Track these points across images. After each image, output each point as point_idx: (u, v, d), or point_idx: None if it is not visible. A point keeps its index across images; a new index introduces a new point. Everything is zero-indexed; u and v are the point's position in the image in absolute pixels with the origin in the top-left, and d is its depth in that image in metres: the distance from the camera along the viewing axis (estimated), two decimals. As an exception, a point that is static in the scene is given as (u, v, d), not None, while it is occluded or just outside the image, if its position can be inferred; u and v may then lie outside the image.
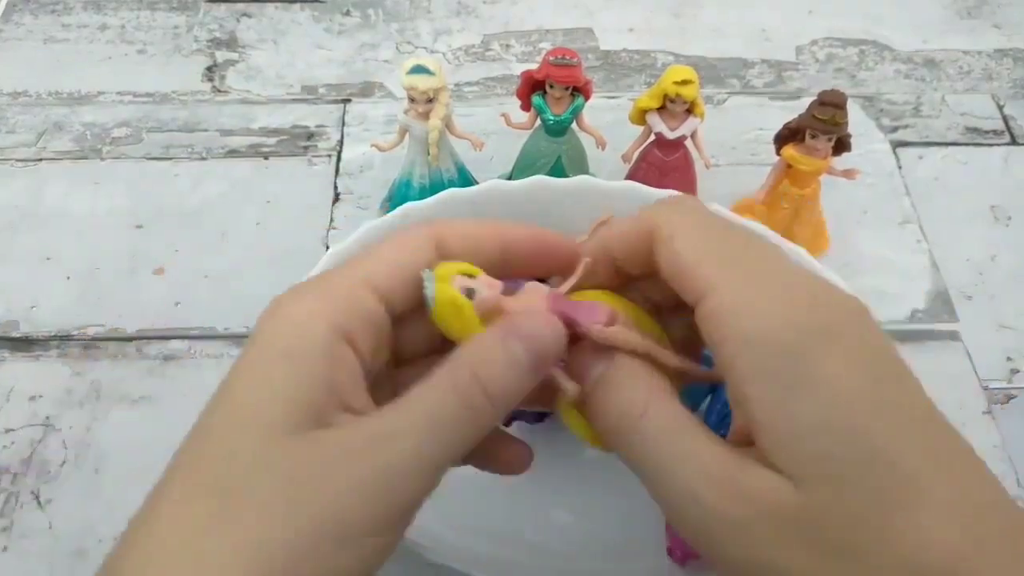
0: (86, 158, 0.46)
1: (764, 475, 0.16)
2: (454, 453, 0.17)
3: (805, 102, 0.38)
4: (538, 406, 0.20)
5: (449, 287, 0.18)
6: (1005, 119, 0.49)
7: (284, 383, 0.16)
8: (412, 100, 0.37)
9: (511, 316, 0.18)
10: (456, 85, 0.49)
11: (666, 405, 0.18)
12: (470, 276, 0.19)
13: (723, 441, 0.17)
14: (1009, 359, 0.39)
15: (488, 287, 0.18)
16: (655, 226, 0.19)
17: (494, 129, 0.41)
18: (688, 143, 0.40)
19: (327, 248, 0.42)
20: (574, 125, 0.39)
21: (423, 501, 0.17)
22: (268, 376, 0.16)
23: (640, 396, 0.18)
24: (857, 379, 0.16)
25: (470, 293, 0.18)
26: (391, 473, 0.16)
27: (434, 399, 0.16)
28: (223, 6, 0.54)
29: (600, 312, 0.19)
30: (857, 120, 0.46)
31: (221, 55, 0.51)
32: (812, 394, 0.16)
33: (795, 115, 0.38)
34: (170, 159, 0.46)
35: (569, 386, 0.18)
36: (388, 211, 0.37)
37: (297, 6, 0.54)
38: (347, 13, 0.54)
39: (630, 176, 0.41)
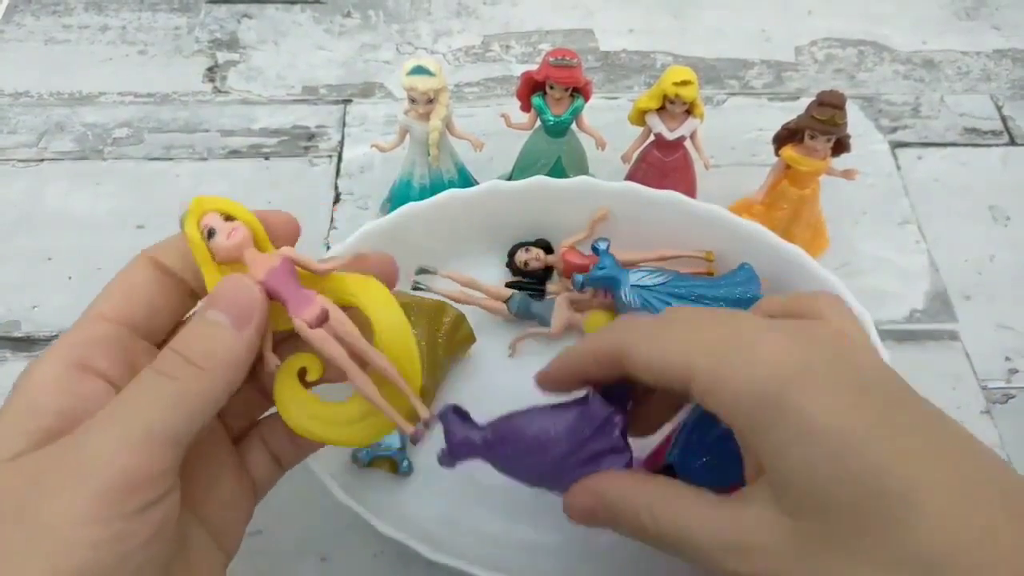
0: (87, 158, 0.46)
1: (759, 518, 0.18)
2: (177, 422, 0.17)
3: (804, 103, 0.38)
4: None
5: (193, 223, 0.19)
6: (1004, 119, 0.49)
7: (8, 419, 0.17)
8: (412, 101, 0.38)
9: (229, 277, 0.19)
10: (456, 86, 0.49)
11: (666, 507, 0.20)
12: (228, 218, 0.19)
13: (720, 503, 0.20)
14: (1008, 359, 0.39)
15: (232, 234, 0.19)
16: (689, 369, 0.20)
17: (494, 130, 0.41)
18: (687, 144, 0.40)
19: (328, 248, 0.42)
20: (574, 126, 0.39)
21: (168, 470, 0.17)
22: (2, 415, 0.18)
23: (642, 515, 0.21)
24: (836, 408, 0.17)
25: (210, 233, 0.19)
26: (99, 461, 0.16)
27: (136, 381, 0.18)
28: (224, 7, 0.54)
29: (307, 306, 0.19)
30: (856, 121, 0.46)
31: (222, 56, 0.51)
32: (792, 436, 0.17)
33: (794, 116, 0.38)
34: (171, 159, 0.46)
35: (269, 359, 0.20)
36: (388, 211, 0.38)
37: (298, 7, 0.54)
38: (348, 14, 0.54)
39: (629, 176, 0.41)
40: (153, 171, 0.46)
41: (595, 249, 0.36)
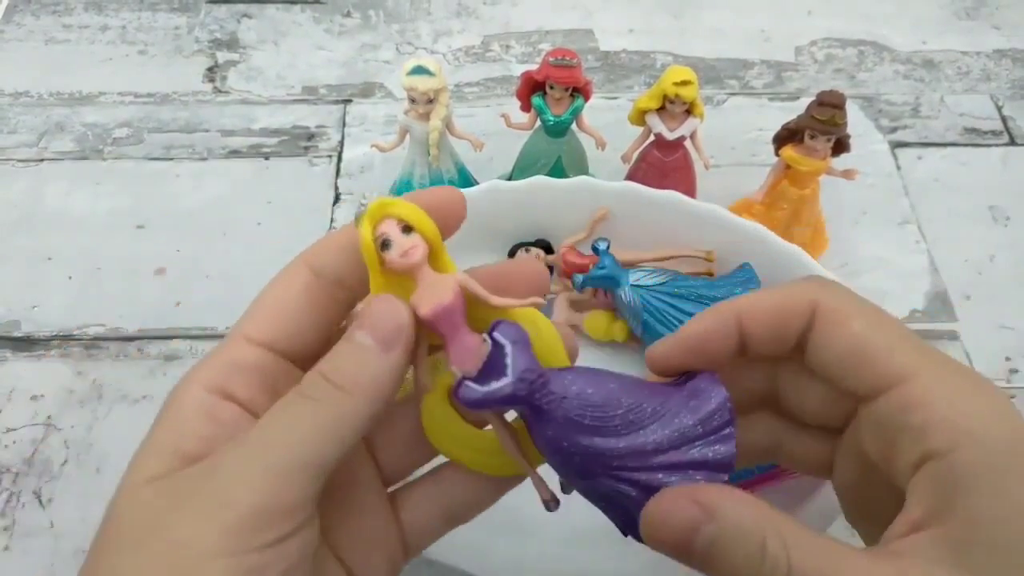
0: (87, 158, 0.46)
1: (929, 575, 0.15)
2: (319, 447, 0.16)
3: (804, 103, 0.38)
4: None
5: (369, 227, 0.17)
6: (1004, 120, 0.49)
7: (156, 439, 0.17)
8: (412, 101, 0.38)
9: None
10: (456, 86, 0.49)
11: (804, 545, 0.16)
12: (407, 228, 0.18)
13: (873, 555, 0.16)
14: (1008, 359, 0.39)
15: (409, 253, 0.17)
16: (820, 304, 0.18)
17: (494, 130, 0.41)
18: (687, 144, 0.40)
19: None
20: (574, 126, 0.39)
21: (307, 500, 0.16)
22: (149, 436, 0.17)
23: (773, 551, 0.16)
24: None
25: (385, 245, 0.17)
26: (234, 490, 0.15)
27: (280, 403, 0.17)
28: (224, 7, 0.54)
29: (470, 357, 0.17)
30: (856, 121, 0.46)
31: (222, 56, 0.51)
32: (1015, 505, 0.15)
33: (794, 116, 0.38)
34: (171, 159, 0.46)
35: (423, 381, 0.18)
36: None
37: (298, 7, 0.54)
38: (348, 14, 0.54)
39: (629, 176, 0.41)
40: (153, 171, 0.46)
41: (595, 249, 0.36)
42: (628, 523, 0.18)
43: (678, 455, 0.17)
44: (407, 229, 0.17)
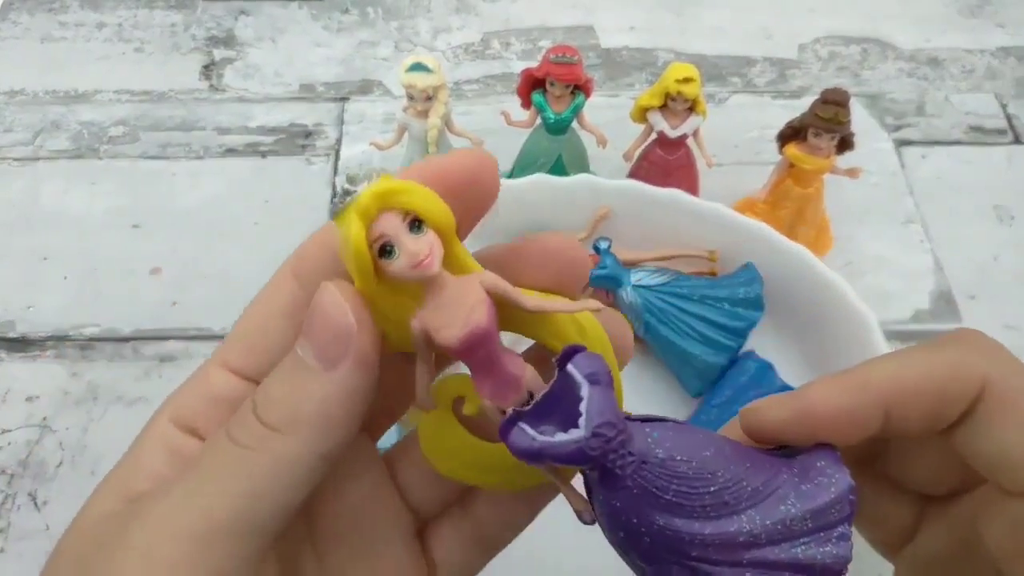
0: (83, 157, 0.46)
1: None
2: (248, 507, 0.13)
3: (807, 101, 0.37)
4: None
5: (361, 228, 0.13)
6: (1008, 118, 0.48)
7: (112, 474, 0.15)
8: (411, 98, 0.37)
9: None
10: (455, 83, 0.49)
11: None
12: (416, 222, 0.13)
13: None
14: (1013, 360, 0.38)
15: (424, 262, 0.13)
16: (991, 383, 0.14)
17: (494, 127, 0.40)
18: (690, 142, 0.39)
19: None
20: (575, 123, 0.39)
21: (238, 568, 0.13)
22: (111, 470, 0.15)
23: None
24: None
25: (387, 251, 0.13)
26: (137, 558, 0.13)
27: (206, 447, 0.14)
28: (221, 4, 0.53)
29: (511, 392, 0.13)
30: (860, 119, 0.46)
31: (219, 53, 0.51)
32: None
33: (797, 114, 0.37)
34: (167, 158, 0.46)
35: (423, 398, 0.14)
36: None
37: (295, 4, 0.54)
38: (346, 11, 0.53)
39: (631, 175, 0.41)
40: (149, 170, 0.45)
41: (596, 248, 0.36)
42: None
43: (776, 552, 0.13)
44: (416, 224, 0.13)
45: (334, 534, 0.16)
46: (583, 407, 0.13)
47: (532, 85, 0.38)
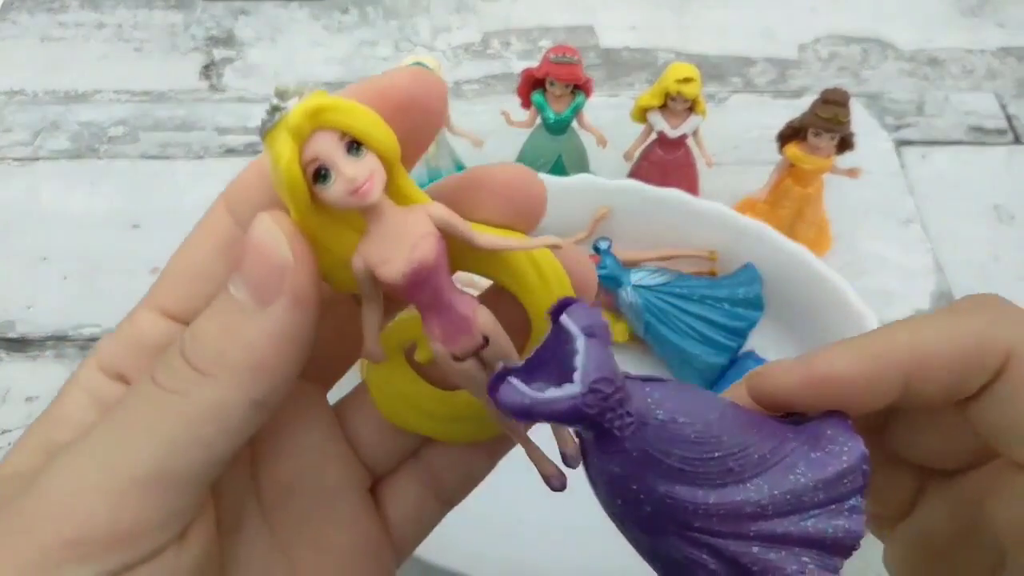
0: (82, 157, 0.46)
1: None
2: (173, 455, 0.12)
3: (808, 100, 0.37)
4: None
5: (293, 150, 0.11)
6: (1008, 118, 0.48)
7: (32, 428, 0.14)
8: (411, 98, 0.37)
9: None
10: (455, 83, 0.49)
11: None
12: (354, 144, 0.12)
13: None
14: (1013, 359, 0.38)
15: (364, 187, 0.11)
16: (1016, 352, 0.13)
17: (494, 127, 0.40)
18: (690, 141, 0.39)
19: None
20: (575, 123, 0.39)
21: (165, 520, 0.12)
22: (35, 422, 0.14)
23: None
24: None
25: (322, 175, 0.12)
26: (50, 510, 0.12)
27: (129, 393, 0.13)
28: (220, 4, 0.53)
29: (463, 334, 0.12)
30: (860, 119, 0.46)
31: (218, 53, 0.51)
32: None
33: (798, 114, 0.37)
34: (167, 158, 0.46)
35: (373, 350, 0.13)
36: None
37: (295, 3, 0.54)
38: (345, 11, 0.53)
39: (632, 174, 0.41)
40: (149, 170, 0.45)
41: (596, 248, 0.36)
42: None
43: (785, 525, 0.12)
44: (354, 146, 0.12)
45: (281, 491, 0.15)
46: (578, 361, 0.11)
47: (532, 85, 0.38)
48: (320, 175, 0.12)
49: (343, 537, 0.16)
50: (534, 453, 0.14)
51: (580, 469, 0.14)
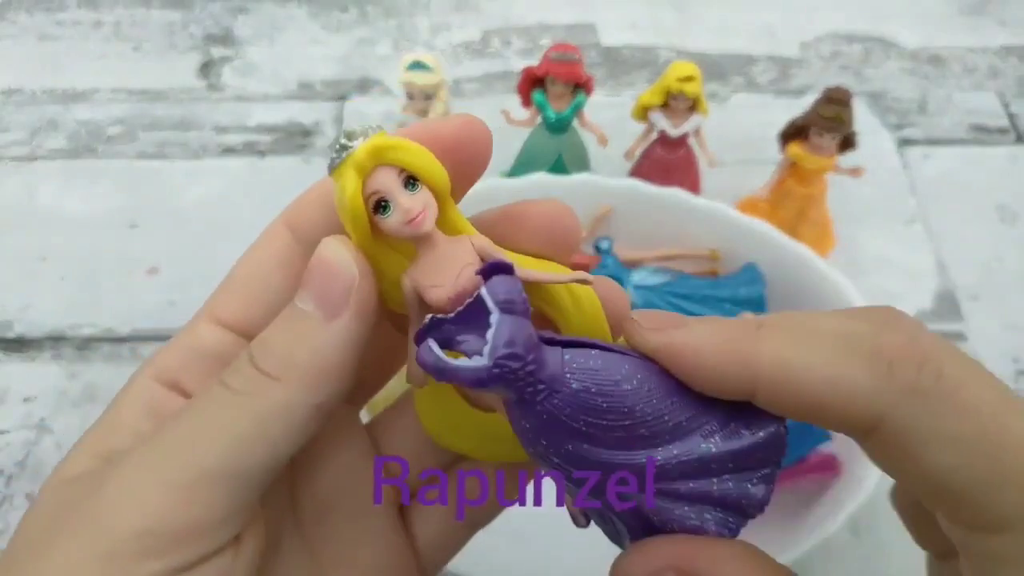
0: (80, 156, 0.45)
1: None
2: (238, 453, 0.13)
3: (810, 99, 0.37)
4: None
5: (357, 183, 0.13)
6: (1011, 117, 0.48)
7: (89, 434, 0.14)
8: (410, 97, 0.37)
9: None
10: (455, 81, 0.49)
11: None
12: (411, 180, 0.13)
13: None
14: (1015, 360, 0.38)
15: (418, 218, 0.13)
16: (881, 416, 0.12)
17: (494, 126, 0.40)
18: (691, 140, 0.39)
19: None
20: (575, 122, 0.39)
21: (227, 518, 0.13)
22: (90, 428, 0.15)
23: None
24: None
25: (382, 206, 0.13)
26: (119, 506, 0.12)
27: (198, 397, 0.14)
28: (219, 2, 0.53)
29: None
30: (862, 118, 0.46)
31: (216, 52, 0.51)
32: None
33: (800, 112, 0.37)
34: (165, 157, 0.45)
35: (415, 373, 0.14)
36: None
37: (294, 2, 0.53)
38: (344, 9, 0.53)
39: (633, 173, 0.40)
40: (147, 169, 0.45)
41: (597, 248, 0.36)
42: (612, 536, 0.15)
43: (690, 485, 0.13)
44: (411, 182, 0.13)
45: (317, 507, 0.16)
46: (489, 335, 0.12)
47: (532, 83, 0.38)
48: (380, 206, 0.13)
49: (373, 556, 0.16)
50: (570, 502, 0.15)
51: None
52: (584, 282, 0.14)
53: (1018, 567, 0.12)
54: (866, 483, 0.28)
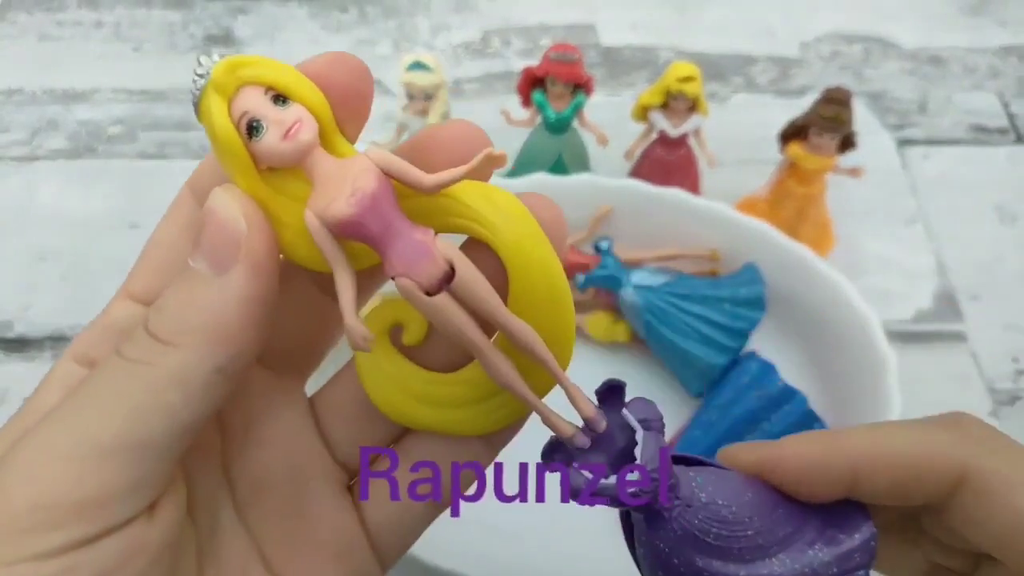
0: (81, 156, 0.45)
1: None
2: (135, 423, 0.12)
3: (809, 99, 0.37)
4: None
5: (222, 105, 0.12)
6: (1011, 117, 0.48)
7: (11, 421, 0.14)
8: (410, 97, 0.37)
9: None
10: (455, 81, 0.49)
11: None
12: (279, 97, 0.12)
13: None
14: (1015, 360, 0.38)
15: (295, 130, 0.12)
16: (972, 471, 0.14)
17: (494, 126, 0.40)
18: (691, 141, 0.39)
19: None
20: (575, 122, 0.39)
21: (130, 489, 0.12)
22: (15, 415, 0.14)
23: None
24: None
25: (252, 128, 0.12)
26: (15, 481, 0.12)
27: (97, 369, 0.13)
28: (219, 2, 0.53)
29: (424, 261, 0.12)
30: (862, 118, 0.46)
31: (217, 52, 0.51)
32: None
33: (799, 112, 0.37)
34: (165, 157, 0.45)
35: (355, 329, 0.12)
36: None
37: (294, 2, 0.53)
38: (345, 9, 0.53)
39: (632, 174, 0.40)
40: (147, 169, 0.45)
41: (597, 248, 0.36)
42: None
43: None
44: (280, 99, 0.12)
45: (255, 486, 0.15)
46: (638, 452, 0.13)
47: (532, 83, 0.38)
48: (252, 128, 0.12)
49: (317, 535, 0.15)
50: (550, 416, 0.14)
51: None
52: (493, 158, 0.13)
53: None
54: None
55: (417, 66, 0.36)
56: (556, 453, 0.14)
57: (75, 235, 0.42)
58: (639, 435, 0.13)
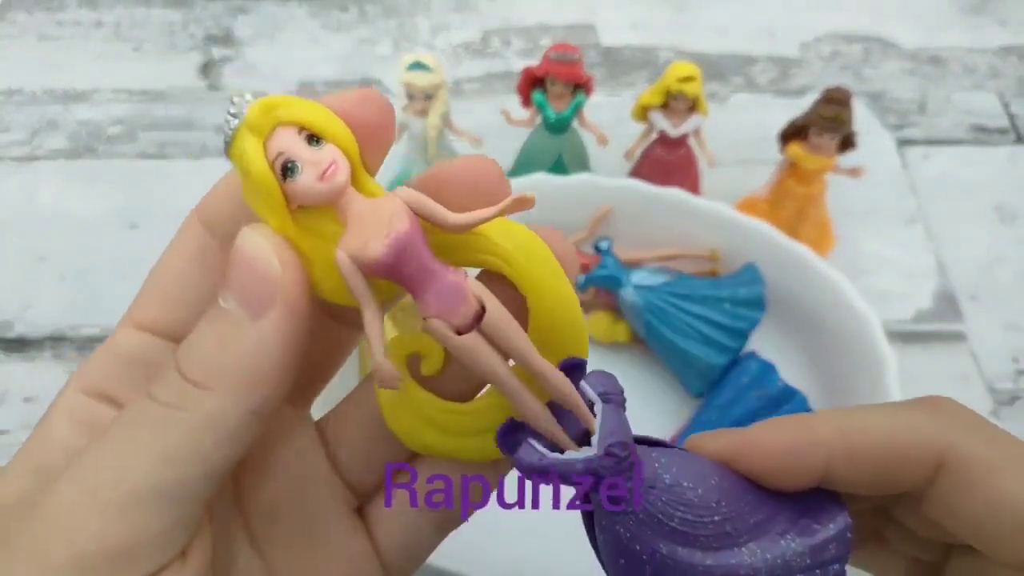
0: (81, 156, 0.45)
1: None
2: (170, 469, 0.12)
3: (809, 99, 0.37)
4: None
5: (258, 146, 0.12)
6: (1011, 117, 0.48)
7: (18, 454, 0.14)
8: (410, 97, 0.37)
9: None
10: (455, 81, 0.49)
11: None
12: (313, 137, 0.12)
13: None
14: (1015, 360, 0.38)
15: (329, 172, 0.12)
16: (951, 455, 0.13)
17: (494, 126, 0.40)
18: (691, 141, 0.39)
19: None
20: (575, 122, 0.39)
21: (165, 534, 0.12)
22: (21, 448, 0.14)
23: None
24: None
25: (289, 169, 0.12)
26: (54, 530, 0.12)
27: (126, 411, 0.13)
28: (219, 2, 0.53)
29: (456, 302, 0.12)
30: (862, 118, 0.46)
31: (217, 52, 0.51)
32: None
33: (799, 112, 0.37)
34: (165, 157, 0.45)
35: (381, 363, 0.13)
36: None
37: (294, 2, 0.53)
38: (345, 9, 0.53)
39: (632, 174, 0.40)
40: (147, 169, 0.45)
41: (597, 248, 0.36)
42: None
43: None
44: (313, 139, 0.12)
45: (267, 513, 0.15)
46: (596, 425, 0.12)
47: (532, 83, 0.38)
48: (287, 169, 0.12)
49: (331, 559, 0.15)
50: (551, 429, 0.14)
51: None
52: (524, 201, 0.13)
53: None
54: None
55: (417, 66, 0.36)
56: (514, 431, 0.13)
57: (75, 235, 0.42)
58: (598, 407, 0.13)
